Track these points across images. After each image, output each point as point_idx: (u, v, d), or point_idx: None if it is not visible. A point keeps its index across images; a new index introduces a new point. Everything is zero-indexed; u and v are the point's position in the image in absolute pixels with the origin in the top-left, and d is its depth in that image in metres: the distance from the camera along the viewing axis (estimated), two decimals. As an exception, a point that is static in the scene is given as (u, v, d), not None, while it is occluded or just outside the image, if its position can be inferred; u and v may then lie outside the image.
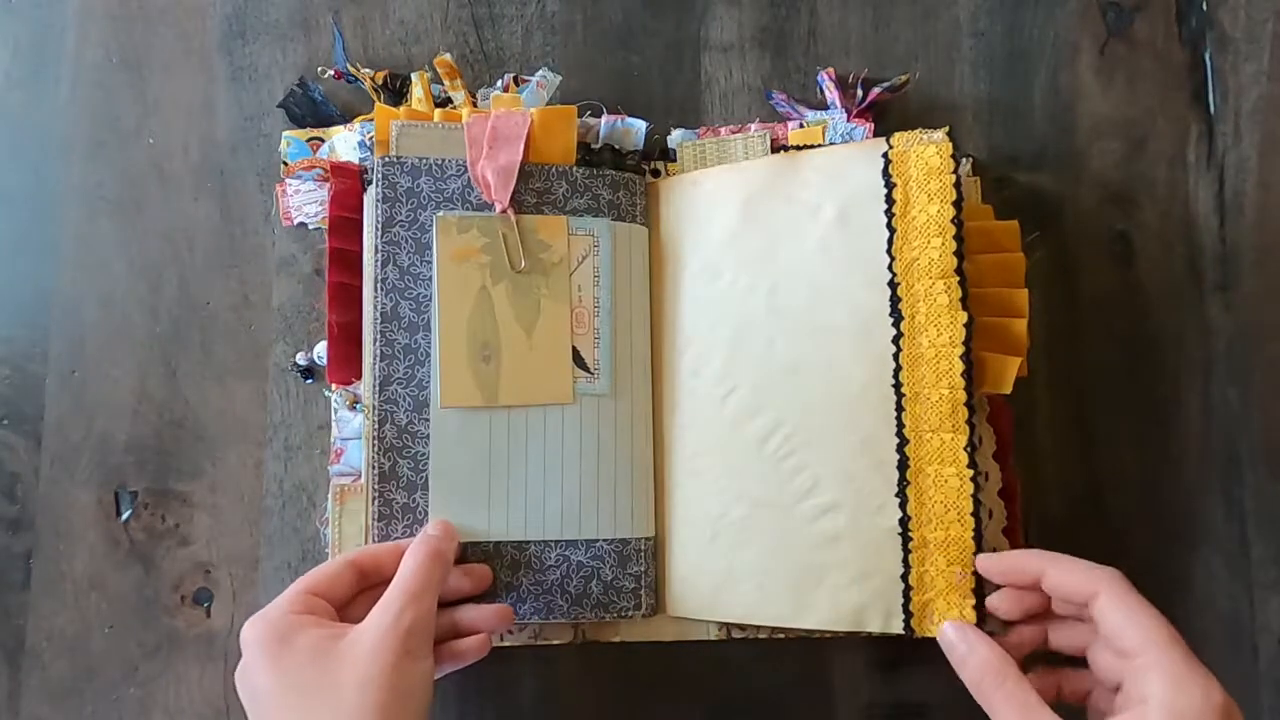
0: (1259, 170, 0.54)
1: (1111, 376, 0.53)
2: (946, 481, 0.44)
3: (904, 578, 0.44)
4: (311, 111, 0.54)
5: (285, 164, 0.53)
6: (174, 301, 0.53)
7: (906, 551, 0.45)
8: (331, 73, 0.54)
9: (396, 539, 0.46)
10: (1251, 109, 0.55)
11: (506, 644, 0.49)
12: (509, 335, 0.48)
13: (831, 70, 0.54)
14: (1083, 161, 0.54)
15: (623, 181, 0.51)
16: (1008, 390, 0.46)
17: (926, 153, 0.46)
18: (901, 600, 0.44)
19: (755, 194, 0.49)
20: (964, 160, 0.53)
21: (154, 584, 0.51)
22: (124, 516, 0.52)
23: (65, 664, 0.51)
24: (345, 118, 0.54)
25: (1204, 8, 0.55)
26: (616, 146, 0.52)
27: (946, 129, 0.46)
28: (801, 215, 0.48)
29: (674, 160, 0.53)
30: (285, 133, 0.53)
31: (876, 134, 0.52)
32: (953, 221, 0.45)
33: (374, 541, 0.46)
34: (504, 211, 0.48)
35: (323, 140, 0.53)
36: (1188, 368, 0.53)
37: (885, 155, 0.47)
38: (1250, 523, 0.52)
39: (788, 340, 0.48)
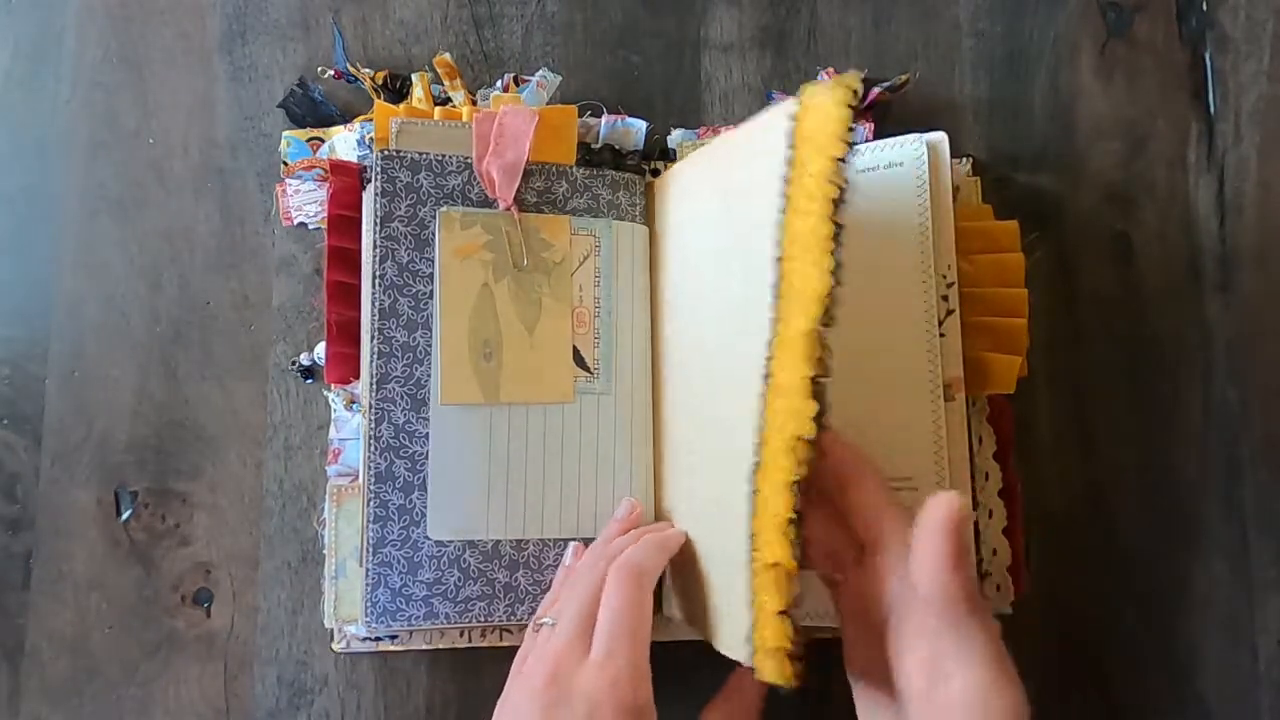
0: (1259, 170, 0.54)
1: (1111, 376, 0.53)
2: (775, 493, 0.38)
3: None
4: (311, 111, 0.54)
5: (285, 164, 0.53)
6: (174, 301, 0.53)
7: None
8: (331, 73, 0.54)
9: (392, 541, 0.46)
10: (1251, 109, 0.55)
11: (505, 644, 0.49)
12: (510, 333, 0.48)
13: (831, 70, 0.54)
14: (1083, 161, 0.54)
15: (623, 181, 0.51)
16: (1011, 390, 0.45)
17: (825, 103, 0.37)
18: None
19: (726, 184, 0.44)
20: (964, 160, 0.53)
21: (154, 584, 0.51)
22: (124, 516, 0.52)
23: (65, 664, 0.51)
24: (345, 118, 0.54)
25: (1204, 8, 0.55)
26: (616, 146, 0.52)
27: (942, 133, 0.46)
28: (751, 193, 0.41)
29: (674, 160, 0.53)
30: (285, 133, 0.53)
31: (877, 134, 0.52)
32: (831, 181, 0.36)
33: (369, 543, 0.46)
34: (508, 209, 0.48)
35: (323, 140, 0.53)
36: (1188, 368, 0.53)
37: (791, 115, 0.38)
38: (1250, 523, 0.52)
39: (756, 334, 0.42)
